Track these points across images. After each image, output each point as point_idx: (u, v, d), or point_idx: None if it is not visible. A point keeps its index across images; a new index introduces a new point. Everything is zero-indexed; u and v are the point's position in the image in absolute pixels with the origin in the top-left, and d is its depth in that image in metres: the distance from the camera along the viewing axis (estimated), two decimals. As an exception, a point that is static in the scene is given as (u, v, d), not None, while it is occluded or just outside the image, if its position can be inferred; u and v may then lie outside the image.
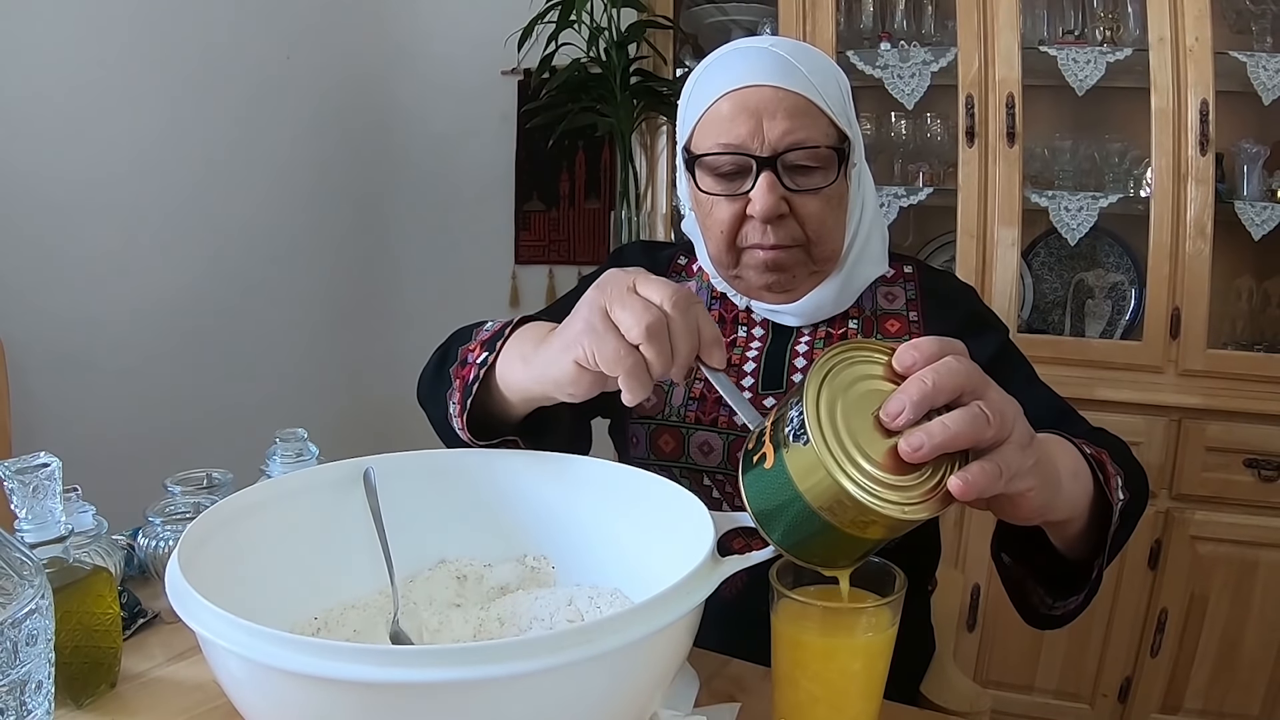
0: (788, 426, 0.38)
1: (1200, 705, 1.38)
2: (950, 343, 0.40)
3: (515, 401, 0.54)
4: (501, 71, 1.90)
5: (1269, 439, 1.29)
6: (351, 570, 0.51)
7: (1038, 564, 0.53)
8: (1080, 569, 0.51)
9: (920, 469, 0.38)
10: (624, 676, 0.37)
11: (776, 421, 0.40)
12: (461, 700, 0.33)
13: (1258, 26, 1.40)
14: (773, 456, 0.39)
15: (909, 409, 0.37)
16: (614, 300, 0.45)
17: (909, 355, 0.39)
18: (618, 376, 0.45)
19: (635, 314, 0.44)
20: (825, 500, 0.37)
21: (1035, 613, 0.56)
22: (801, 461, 0.37)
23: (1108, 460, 0.51)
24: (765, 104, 0.62)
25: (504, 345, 0.54)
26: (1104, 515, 0.49)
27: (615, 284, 0.46)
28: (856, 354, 0.40)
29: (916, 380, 0.38)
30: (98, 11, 1.48)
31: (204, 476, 0.64)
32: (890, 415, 0.37)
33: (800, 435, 0.37)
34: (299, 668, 0.33)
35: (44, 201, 1.44)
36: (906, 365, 0.39)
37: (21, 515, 0.46)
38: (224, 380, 1.73)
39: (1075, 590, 0.52)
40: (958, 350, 0.40)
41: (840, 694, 0.43)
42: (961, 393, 0.38)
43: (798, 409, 0.38)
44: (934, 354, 0.39)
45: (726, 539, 0.44)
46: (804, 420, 0.37)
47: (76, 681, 0.49)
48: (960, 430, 0.37)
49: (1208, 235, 1.33)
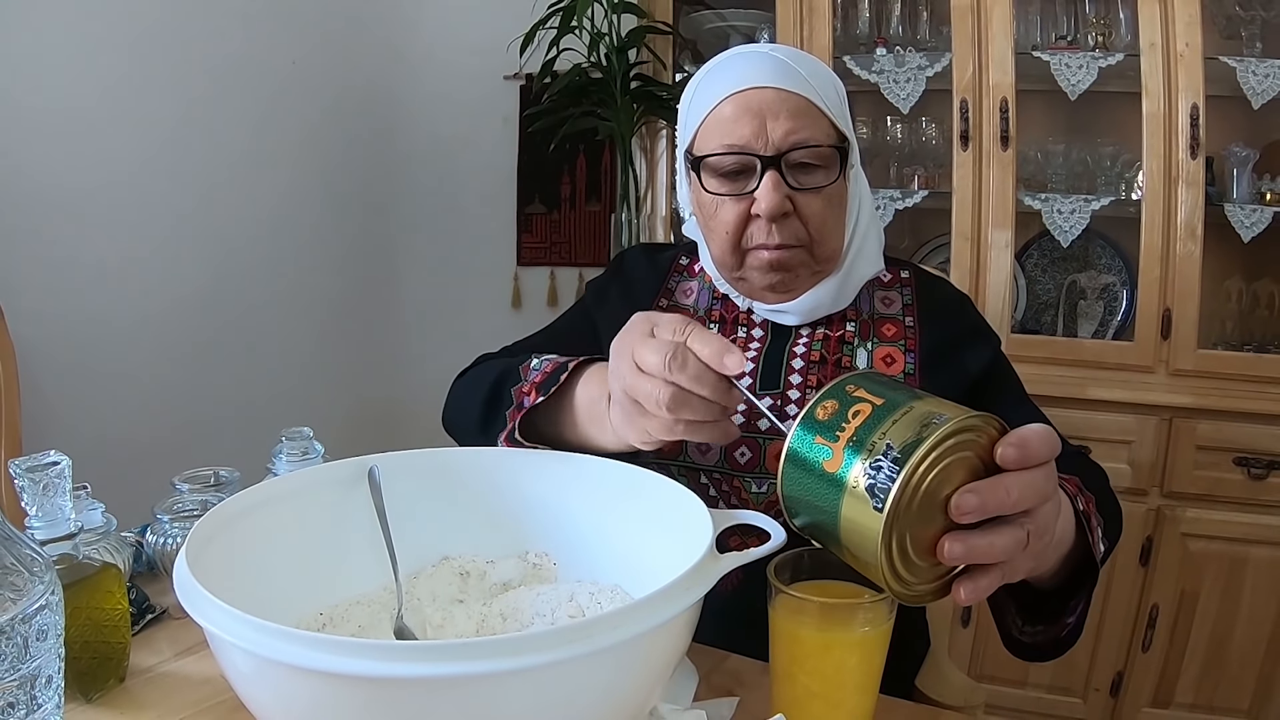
0: (873, 468, 0.36)
1: (1191, 700, 1.39)
2: (1052, 446, 0.38)
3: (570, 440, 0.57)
4: (504, 77, 1.92)
5: (1258, 438, 1.31)
6: (356, 566, 0.51)
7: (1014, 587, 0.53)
8: (1051, 599, 0.52)
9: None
10: (624, 671, 0.37)
11: (864, 435, 0.37)
12: (464, 694, 0.34)
13: (1247, 32, 1.41)
14: (839, 464, 0.37)
15: (977, 515, 0.36)
16: (629, 383, 0.48)
17: (1012, 453, 0.37)
18: (688, 440, 0.48)
19: (647, 390, 0.46)
20: (852, 545, 0.37)
21: (1009, 634, 0.56)
22: (860, 512, 0.36)
23: (1093, 513, 0.51)
24: (768, 105, 0.63)
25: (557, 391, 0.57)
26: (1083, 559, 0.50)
27: (622, 357, 0.49)
28: (975, 430, 0.37)
29: (1002, 491, 0.37)
30: (108, 21, 1.50)
31: (211, 474, 0.64)
32: (959, 510, 0.36)
33: (878, 496, 0.35)
34: (304, 663, 0.33)
35: (56, 206, 1.46)
36: (1005, 461, 0.37)
37: (32, 513, 0.47)
38: (231, 380, 1.74)
39: (1045, 619, 0.53)
40: (1052, 455, 0.38)
41: (837, 688, 0.44)
42: (1031, 509, 0.38)
43: (894, 468, 0.35)
44: (1034, 459, 0.37)
45: (725, 536, 0.44)
46: (892, 491, 0.35)
47: (86, 676, 0.49)
48: (1000, 554, 0.37)
49: (1198, 237, 1.34)
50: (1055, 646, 0.53)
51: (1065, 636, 0.52)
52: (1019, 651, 0.55)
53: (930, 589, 0.39)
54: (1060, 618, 0.51)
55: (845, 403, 0.39)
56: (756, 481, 0.66)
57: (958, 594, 0.38)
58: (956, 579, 0.39)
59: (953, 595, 0.38)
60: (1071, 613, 0.51)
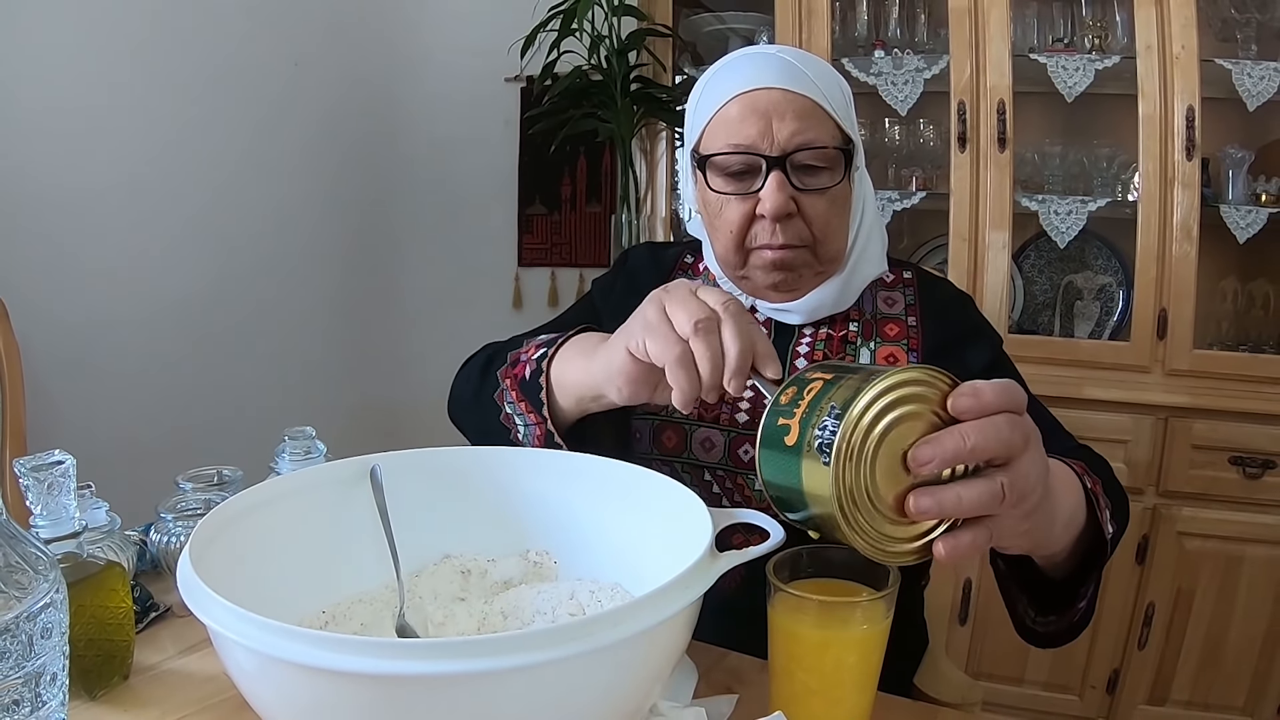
0: (819, 429, 0.37)
1: (1186, 697, 1.39)
2: (1011, 395, 0.37)
3: (567, 406, 0.56)
4: (505, 79, 1.92)
5: (1253, 437, 1.31)
6: (358, 565, 0.51)
7: (1027, 576, 0.54)
8: (1063, 589, 0.52)
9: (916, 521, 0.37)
10: (625, 668, 0.38)
11: (815, 404, 0.38)
12: (466, 692, 0.34)
13: (1242, 35, 1.42)
14: (795, 436, 0.38)
15: (936, 463, 0.36)
16: (672, 300, 0.48)
17: (965, 401, 0.37)
18: (665, 367, 0.46)
19: (689, 311, 0.46)
20: (819, 509, 0.38)
21: (1022, 624, 0.57)
22: (815, 473, 0.37)
23: (1100, 494, 0.51)
24: (774, 106, 0.63)
25: (564, 343, 0.57)
26: (1092, 544, 0.50)
27: (678, 288, 0.48)
28: (922, 384, 0.37)
29: (957, 436, 0.36)
30: (113, 24, 1.51)
31: (214, 474, 0.65)
32: (917, 462, 0.36)
33: (825, 451, 0.36)
34: (307, 660, 0.33)
35: (60, 208, 1.46)
36: (959, 410, 0.37)
37: (37, 512, 0.47)
38: (234, 380, 1.75)
39: (1057, 609, 0.53)
40: (1016, 405, 0.38)
41: (835, 685, 0.44)
42: (996, 457, 0.37)
43: (835, 422, 0.36)
44: (990, 406, 0.37)
45: (725, 534, 0.44)
46: (835, 443, 0.35)
47: (90, 673, 0.49)
48: (972, 506, 0.36)
49: (1194, 238, 1.35)
50: (1070, 631, 0.54)
51: (1079, 621, 0.53)
52: (1033, 640, 0.56)
53: (912, 549, 0.38)
54: (1072, 604, 0.52)
55: (802, 384, 0.40)
56: None
57: (937, 550, 0.37)
58: (936, 538, 0.38)
59: (934, 552, 0.38)
60: (1082, 599, 0.51)
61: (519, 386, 0.59)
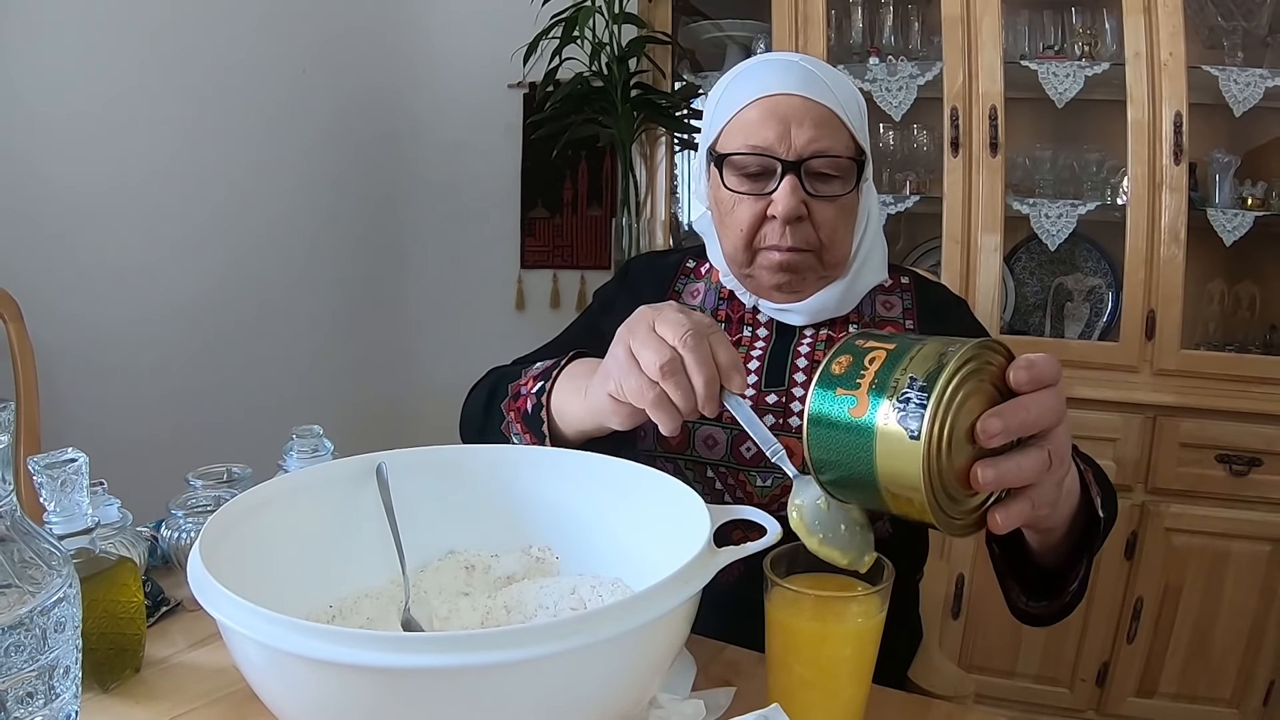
0: (901, 403, 0.36)
1: (1174, 689, 1.41)
2: (1056, 367, 0.40)
3: (570, 435, 0.58)
4: (508, 85, 1.94)
5: (1239, 435, 1.33)
6: (364, 560, 0.52)
7: (1020, 561, 0.56)
8: (1054, 577, 0.54)
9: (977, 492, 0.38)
10: (625, 662, 0.38)
11: (885, 375, 0.37)
12: (470, 684, 0.34)
13: (1229, 42, 1.44)
14: (865, 409, 0.37)
15: (1003, 434, 0.37)
16: (637, 340, 0.49)
17: (1024, 374, 0.38)
18: (645, 408, 0.48)
19: (653, 352, 0.47)
20: (893, 485, 0.37)
21: (1016, 606, 0.58)
22: (896, 448, 0.36)
23: (1092, 480, 0.53)
24: (794, 112, 0.64)
25: (559, 375, 0.58)
26: (1085, 527, 0.51)
27: (639, 324, 0.50)
28: (987, 355, 0.38)
29: (1021, 409, 0.38)
30: (124, 30, 1.51)
31: (224, 471, 0.65)
32: (987, 434, 0.37)
33: (912, 429, 0.35)
34: (315, 653, 0.33)
35: (72, 209, 1.47)
36: (1019, 383, 0.39)
37: (50, 508, 0.47)
38: (243, 380, 1.75)
39: (1048, 595, 0.55)
40: (1059, 377, 0.40)
41: (831, 678, 0.45)
42: (1049, 428, 0.39)
43: (922, 395, 0.35)
44: (1043, 379, 0.39)
45: (724, 530, 0.45)
46: (924, 420, 0.35)
47: (102, 667, 0.50)
48: (1028, 475, 0.38)
49: (1181, 241, 1.37)
50: (1062, 610, 0.55)
51: (1069, 602, 0.54)
52: (1027, 619, 0.58)
53: (968, 522, 0.39)
54: (1064, 588, 0.53)
55: (859, 354, 0.39)
56: (761, 475, 0.67)
57: (993, 520, 0.39)
58: (990, 508, 0.40)
59: (989, 523, 0.39)
60: (1074, 580, 0.53)
61: (522, 420, 0.61)
